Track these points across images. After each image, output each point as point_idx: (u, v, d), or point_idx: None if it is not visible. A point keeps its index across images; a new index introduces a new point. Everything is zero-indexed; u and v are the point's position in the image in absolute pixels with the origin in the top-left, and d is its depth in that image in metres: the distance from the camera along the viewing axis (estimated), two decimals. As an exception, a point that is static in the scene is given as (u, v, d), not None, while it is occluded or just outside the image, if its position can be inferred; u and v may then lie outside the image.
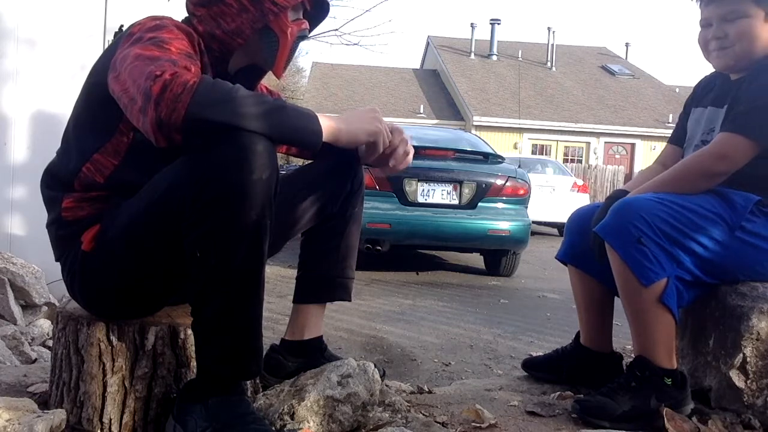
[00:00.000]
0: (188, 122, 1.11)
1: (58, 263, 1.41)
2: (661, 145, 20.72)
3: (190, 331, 1.35)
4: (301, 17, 1.47)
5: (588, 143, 22.37)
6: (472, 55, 26.37)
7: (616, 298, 1.72)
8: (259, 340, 1.24)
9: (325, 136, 1.27)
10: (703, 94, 1.80)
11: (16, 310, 2.80)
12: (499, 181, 5.61)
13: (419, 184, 5.46)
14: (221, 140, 1.14)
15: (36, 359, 2.47)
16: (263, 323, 1.26)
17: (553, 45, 26.07)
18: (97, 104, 1.30)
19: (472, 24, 26.71)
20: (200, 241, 1.17)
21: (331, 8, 1.59)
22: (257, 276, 1.21)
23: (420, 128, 9.72)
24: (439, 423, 1.49)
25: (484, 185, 5.56)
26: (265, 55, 1.44)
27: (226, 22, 1.37)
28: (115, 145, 1.31)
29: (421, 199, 5.48)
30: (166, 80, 1.11)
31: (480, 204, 5.55)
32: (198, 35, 1.36)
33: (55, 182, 1.37)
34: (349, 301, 1.67)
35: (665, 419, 1.44)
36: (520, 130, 21.53)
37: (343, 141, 1.32)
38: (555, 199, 10.78)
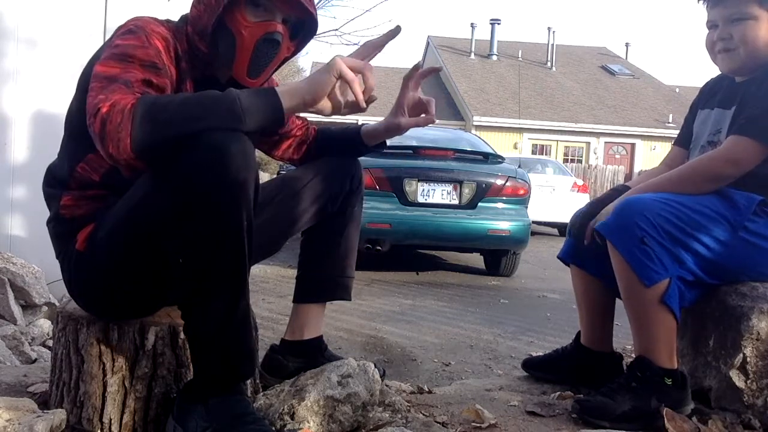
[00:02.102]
0: (137, 147, 1.09)
1: (58, 263, 1.41)
2: (661, 145, 20.77)
3: (190, 331, 1.35)
4: (275, 20, 1.33)
5: (588, 143, 22.36)
6: (472, 55, 26.35)
7: (617, 298, 1.72)
8: (250, 341, 1.24)
9: (289, 101, 1.19)
10: (709, 95, 1.80)
11: (16, 310, 2.79)
12: (499, 181, 5.61)
13: (419, 184, 5.46)
14: (193, 145, 1.11)
15: (36, 359, 2.47)
16: (263, 323, 1.26)
17: (553, 45, 26.06)
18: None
19: (472, 24, 26.70)
20: (181, 247, 1.17)
21: (331, 9, 1.55)
22: (241, 278, 1.20)
23: (420, 128, 9.71)
24: (439, 423, 1.49)
25: (484, 185, 5.55)
26: (224, 56, 1.34)
27: (200, 21, 1.32)
28: None
29: (421, 199, 5.48)
30: (103, 115, 1.10)
31: (480, 204, 5.55)
32: (183, 38, 1.33)
33: (56, 181, 1.38)
34: (349, 300, 1.67)
35: (665, 419, 1.44)
36: (520, 130, 21.52)
37: (311, 97, 1.22)
38: (555, 199, 10.77)
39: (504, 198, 5.63)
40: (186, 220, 1.14)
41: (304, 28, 1.42)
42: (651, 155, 21.19)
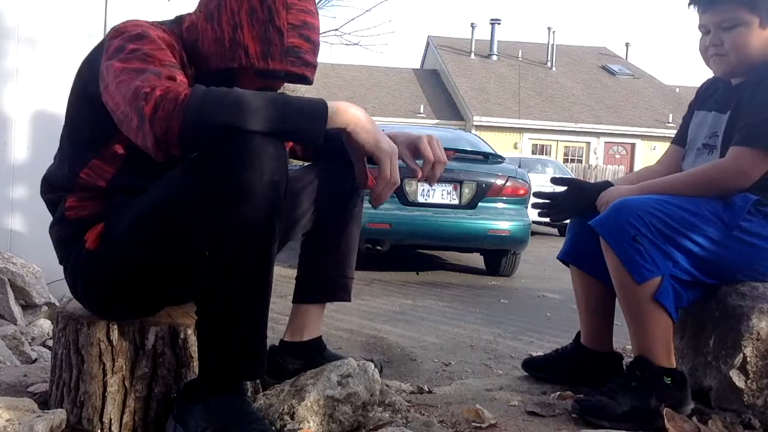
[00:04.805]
0: (184, 138, 1.11)
1: (60, 264, 1.41)
2: (661, 145, 20.77)
3: (190, 331, 1.36)
4: (279, 78, 1.37)
5: (588, 143, 22.37)
6: (472, 55, 26.36)
7: (617, 298, 1.72)
8: (264, 341, 1.24)
9: (332, 109, 1.26)
10: (705, 96, 1.80)
11: (16, 310, 2.79)
12: (499, 181, 5.61)
13: (419, 183, 5.46)
14: (232, 143, 1.13)
15: (36, 359, 2.47)
16: (263, 323, 1.26)
17: (553, 45, 26.06)
18: (90, 110, 1.28)
19: (472, 24, 26.72)
20: (210, 239, 1.17)
21: (331, 9, 1.54)
22: (265, 278, 1.21)
23: (420, 128, 9.72)
24: (439, 423, 1.49)
25: (484, 185, 5.56)
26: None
27: (204, 44, 1.31)
28: (113, 150, 1.30)
29: (421, 199, 5.48)
30: (157, 98, 1.10)
31: (480, 204, 5.55)
32: (180, 46, 1.32)
33: (54, 189, 1.37)
34: (349, 301, 1.67)
35: (665, 419, 1.44)
36: (520, 130, 21.55)
37: (350, 124, 1.29)
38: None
39: (504, 198, 5.63)
40: (218, 212, 1.15)
41: None
42: (651, 155, 21.21)
